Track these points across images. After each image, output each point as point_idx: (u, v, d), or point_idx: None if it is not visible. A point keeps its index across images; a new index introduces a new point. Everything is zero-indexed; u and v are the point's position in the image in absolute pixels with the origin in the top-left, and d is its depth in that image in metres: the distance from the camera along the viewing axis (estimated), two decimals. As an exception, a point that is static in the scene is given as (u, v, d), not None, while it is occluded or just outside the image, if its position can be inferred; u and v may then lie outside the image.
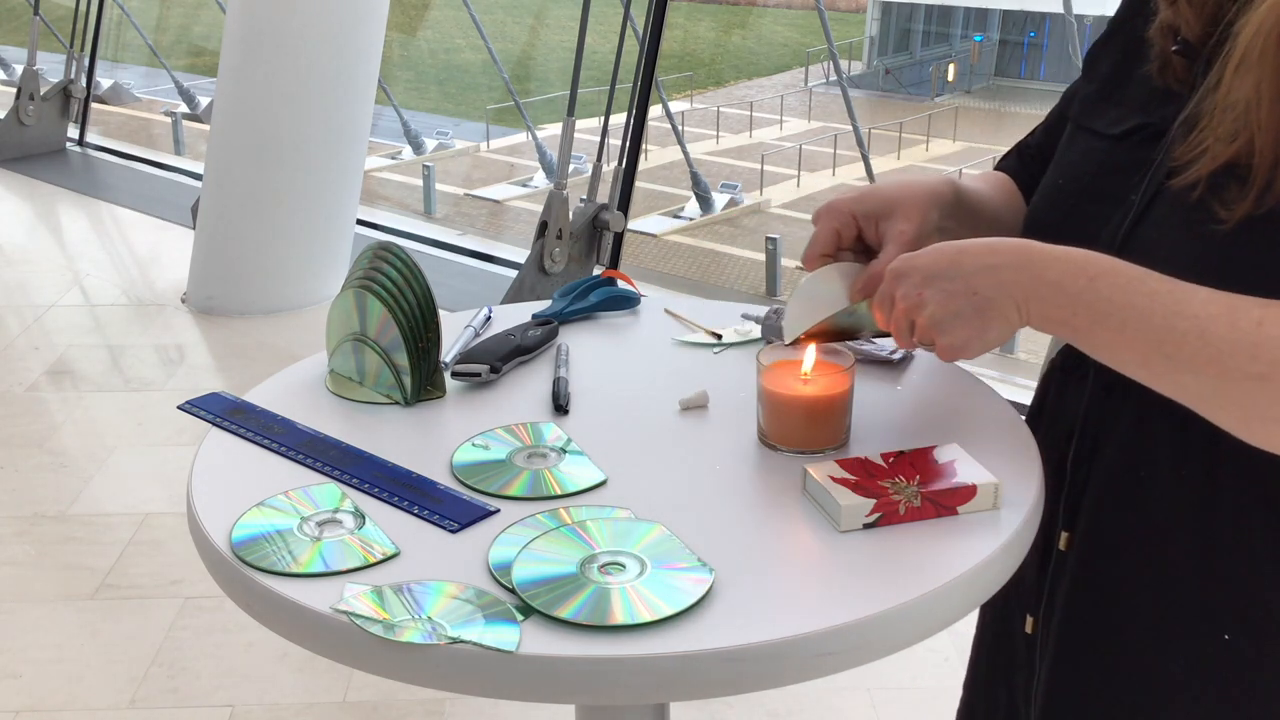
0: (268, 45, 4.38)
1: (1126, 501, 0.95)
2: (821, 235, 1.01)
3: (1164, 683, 0.94)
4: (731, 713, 2.29)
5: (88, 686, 2.39)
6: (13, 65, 13.73)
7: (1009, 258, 0.87)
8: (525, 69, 28.17)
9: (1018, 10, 28.59)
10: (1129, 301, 0.83)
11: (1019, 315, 0.87)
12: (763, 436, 1.00)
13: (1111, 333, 0.84)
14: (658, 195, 20.52)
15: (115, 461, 3.33)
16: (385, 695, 2.34)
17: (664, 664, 0.75)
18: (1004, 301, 0.87)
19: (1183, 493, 0.91)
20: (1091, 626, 0.98)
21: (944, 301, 0.88)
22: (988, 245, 0.89)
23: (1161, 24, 0.95)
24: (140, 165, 6.73)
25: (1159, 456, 0.92)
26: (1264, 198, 0.82)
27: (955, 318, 0.88)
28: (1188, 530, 0.92)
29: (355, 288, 1.10)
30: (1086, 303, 0.84)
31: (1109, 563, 0.96)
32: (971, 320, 0.87)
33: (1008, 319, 0.87)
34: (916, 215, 1.00)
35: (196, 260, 4.60)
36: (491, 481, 0.94)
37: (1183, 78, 0.93)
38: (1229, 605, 0.91)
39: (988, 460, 0.92)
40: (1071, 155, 1.02)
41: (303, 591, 0.81)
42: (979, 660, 1.15)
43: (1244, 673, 0.92)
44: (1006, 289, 0.86)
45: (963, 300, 0.87)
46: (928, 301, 0.88)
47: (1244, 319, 0.79)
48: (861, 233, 1.02)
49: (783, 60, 32.55)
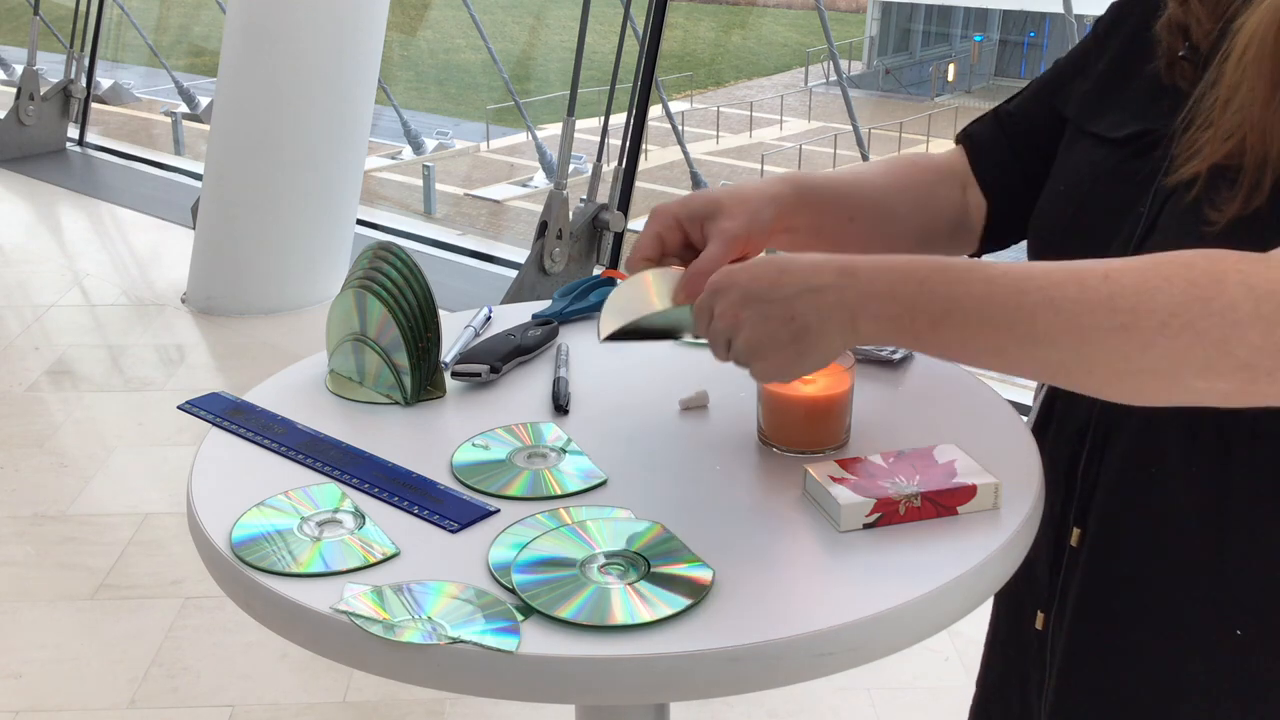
0: (268, 45, 4.38)
1: (1137, 498, 0.94)
2: (644, 240, 0.98)
3: (1176, 680, 0.94)
4: (731, 713, 2.29)
5: (88, 686, 2.39)
6: (13, 65, 13.73)
7: (832, 277, 0.83)
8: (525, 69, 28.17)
9: (1018, 10, 28.58)
10: (967, 293, 0.80)
11: (843, 337, 0.83)
12: (763, 436, 1.00)
13: (955, 329, 0.81)
14: (658, 195, 20.51)
15: (115, 461, 3.33)
16: (385, 695, 2.34)
17: (664, 664, 0.75)
18: (825, 326, 0.83)
19: (1193, 489, 0.91)
20: (1103, 623, 0.98)
21: (760, 324, 0.84)
22: (812, 264, 0.84)
23: (1170, 21, 0.94)
24: (140, 165, 6.73)
25: (1169, 453, 0.92)
26: (1252, 197, 0.82)
27: (770, 343, 0.83)
28: (1199, 527, 0.91)
29: (355, 288, 1.10)
30: (922, 306, 0.81)
31: (1120, 560, 0.96)
32: (787, 347, 0.84)
33: (829, 343, 0.83)
34: (743, 213, 0.96)
35: (196, 260, 4.60)
36: (491, 481, 0.94)
37: (1189, 77, 0.92)
38: (1242, 602, 0.91)
39: (988, 460, 0.92)
40: (1072, 159, 1.01)
41: (303, 591, 0.81)
42: (992, 659, 1.14)
43: (1257, 668, 0.92)
44: (828, 311, 0.82)
45: (779, 325, 0.83)
46: (744, 324, 0.84)
47: (1090, 277, 0.77)
48: (689, 236, 0.98)
49: (783, 60, 32.55)
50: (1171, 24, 0.94)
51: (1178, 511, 0.92)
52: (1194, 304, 0.75)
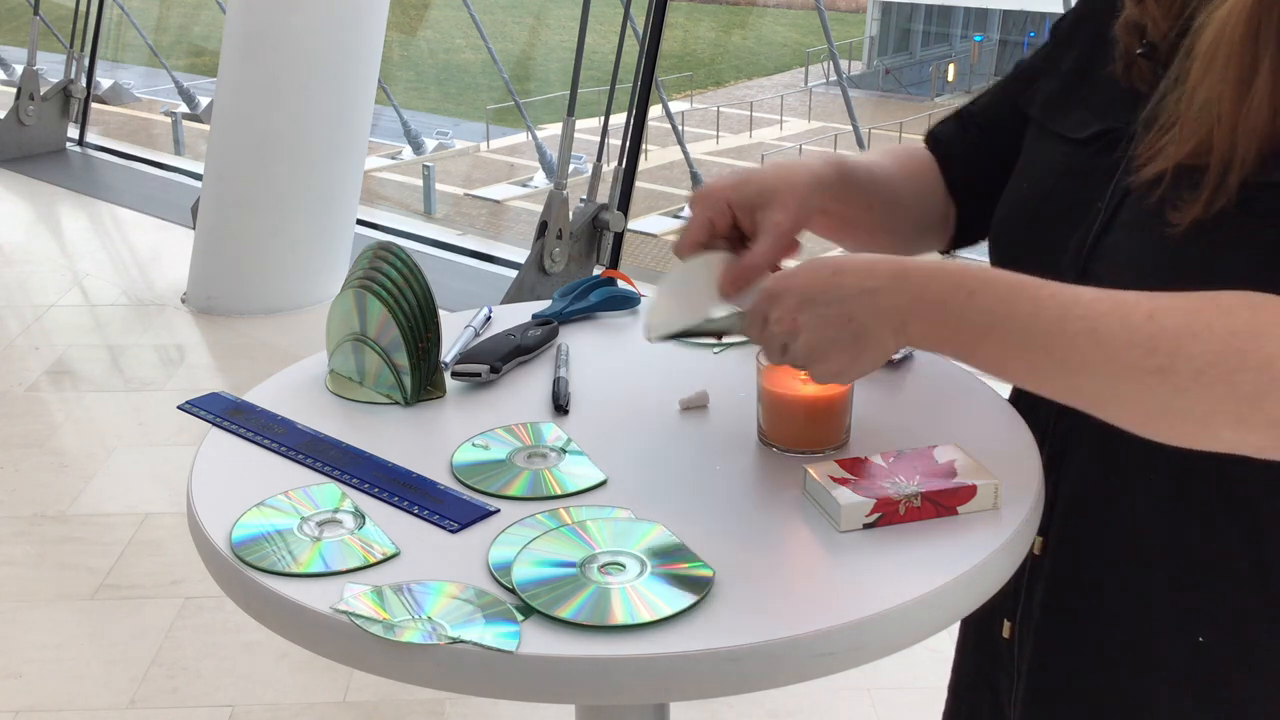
0: (268, 45, 4.38)
1: (1097, 508, 0.95)
2: (695, 223, 0.97)
3: (1141, 688, 0.94)
4: (731, 713, 2.29)
5: (88, 686, 2.39)
6: (13, 65, 13.73)
7: (887, 279, 0.84)
8: (525, 69, 28.16)
9: (1018, 10, 28.56)
10: (1012, 311, 0.81)
11: (896, 339, 0.84)
12: (763, 436, 1.00)
13: (997, 345, 0.81)
14: (658, 195, 20.52)
15: (115, 461, 3.33)
16: (385, 695, 2.34)
17: (664, 664, 0.75)
18: (880, 328, 0.83)
19: (1152, 499, 0.91)
20: (1068, 632, 0.98)
21: (818, 328, 0.84)
22: (866, 266, 0.85)
23: (1127, 21, 0.93)
24: (140, 165, 6.73)
25: (1127, 463, 0.92)
26: (1215, 199, 0.81)
27: (830, 345, 0.84)
28: (1159, 536, 0.92)
29: (355, 288, 1.10)
30: (969, 319, 0.82)
31: (1083, 568, 0.96)
32: (847, 348, 0.84)
33: (883, 345, 0.84)
34: (793, 204, 0.96)
35: (196, 260, 4.60)
36: (491, 481, 0.94)
37: (1148, 78, 0.92)
38: (1203, 610, 0.91)
39: (988, 460, 0.92)
40: (1035, 158, 1.01)
41: (303, 591, 0.81)
42: (963, 665, 1.15)
43: (1219, 675, 0.92)
44: (884, 315, 0.83)
45: (838, 327, 0.84)
46: (803, 328, 0.85)
47: (1134, 313, 0.77)
48: (737, 220, 0.98)
49: (783, 60, 32.55)
50: (1128, 24, 0.93)
51: (1137, 520, 0.92)
52: (1231, 356, 0.75)
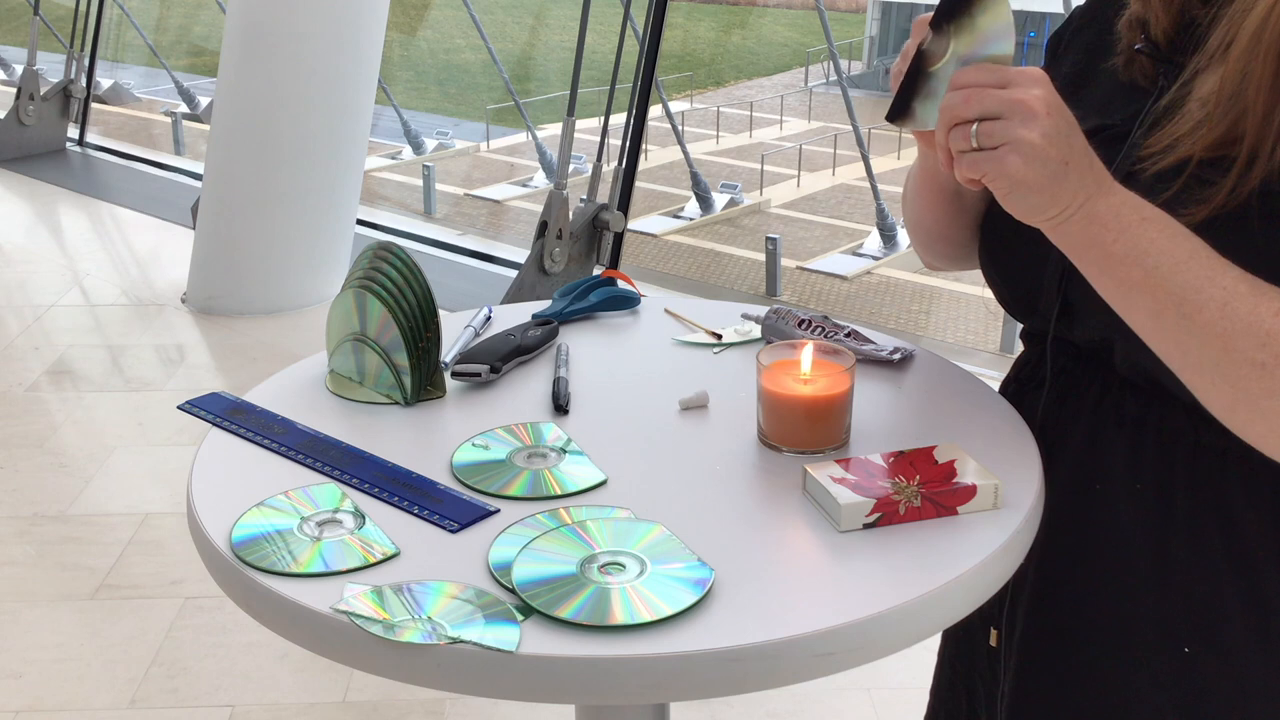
0: (268, 45, 4.38)
1: (1083, 515, 0.95)
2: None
3: (1126, 696, 0.95)
4: (731, 713, 2.29)
5: (88, 686, 2.39)
6: (13, 65, 13.74)
7: (1099, 162, 0.83)
8: (525, 69, 28.17)
9: (1018, 10, 28.42)
10: (1169, 249, 0.81)
11: (1067, 209, 0.82)
12: (763, 436, 1.00)
13: (1142, 272, 0.81)
14: (658, 195, 20.53)
15: (115, 461, 3.33)
16: (385, 695, 2.34)
17: (664, 664, 0.75)
18: (1073, 185, 0.81)
19: (1137, 507, 0.92)
20: (1053, 639, 0.98)
21: (1043, 141, 0.79)
22: (1087, 144, 0.83)
23: (1131, 17, 0.94)
24: (140, 165, 6.73)
25: (1113, 470, 0.92)
26: (1238, 188, 0.82)
27: (1040, 157, 0.79)
28: (1144, 544, 0.92)
29: (355, 288, 1.10)
30: (1132, 236, 0.81)
31: (1068, 575, 0.96)
32: (1043, 170, 0.80)
33: (1057, 198, 0.81)
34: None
35: (196, 260, 4.60)
36: (491, 481, 0.94)
37: (1148, 74, 0.92)
38: (1187, 618, 0.91)
39: (988, 460, 0.92)
40: None
41: (303, 591, 0.81)
42: (942, 667, 1.16)
43: (1203, 684, 0.92)
44: (1084, 179, 0.81)
45: (1059, 151, 0.80)
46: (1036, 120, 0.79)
47: (1266, 305, 0.79)
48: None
49: (783, 60, 32.56)
50: (1131, 19, 0.94)
51: (1122, 529, 0.93)
52: None
